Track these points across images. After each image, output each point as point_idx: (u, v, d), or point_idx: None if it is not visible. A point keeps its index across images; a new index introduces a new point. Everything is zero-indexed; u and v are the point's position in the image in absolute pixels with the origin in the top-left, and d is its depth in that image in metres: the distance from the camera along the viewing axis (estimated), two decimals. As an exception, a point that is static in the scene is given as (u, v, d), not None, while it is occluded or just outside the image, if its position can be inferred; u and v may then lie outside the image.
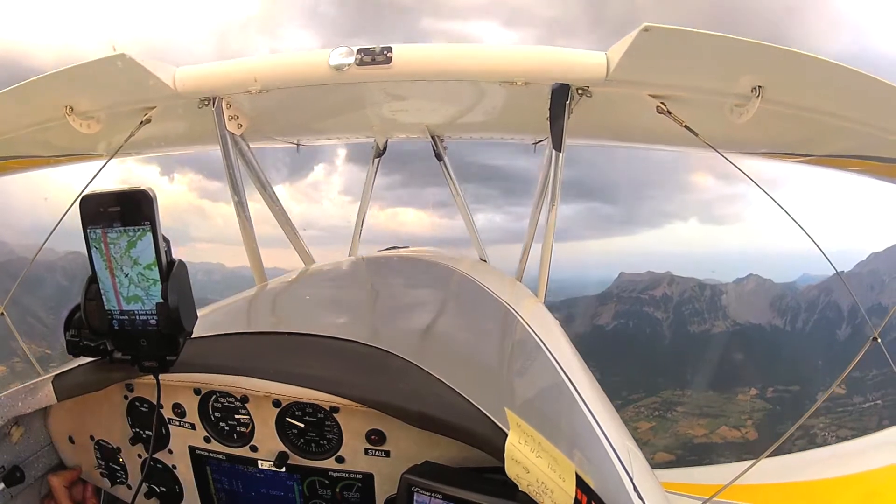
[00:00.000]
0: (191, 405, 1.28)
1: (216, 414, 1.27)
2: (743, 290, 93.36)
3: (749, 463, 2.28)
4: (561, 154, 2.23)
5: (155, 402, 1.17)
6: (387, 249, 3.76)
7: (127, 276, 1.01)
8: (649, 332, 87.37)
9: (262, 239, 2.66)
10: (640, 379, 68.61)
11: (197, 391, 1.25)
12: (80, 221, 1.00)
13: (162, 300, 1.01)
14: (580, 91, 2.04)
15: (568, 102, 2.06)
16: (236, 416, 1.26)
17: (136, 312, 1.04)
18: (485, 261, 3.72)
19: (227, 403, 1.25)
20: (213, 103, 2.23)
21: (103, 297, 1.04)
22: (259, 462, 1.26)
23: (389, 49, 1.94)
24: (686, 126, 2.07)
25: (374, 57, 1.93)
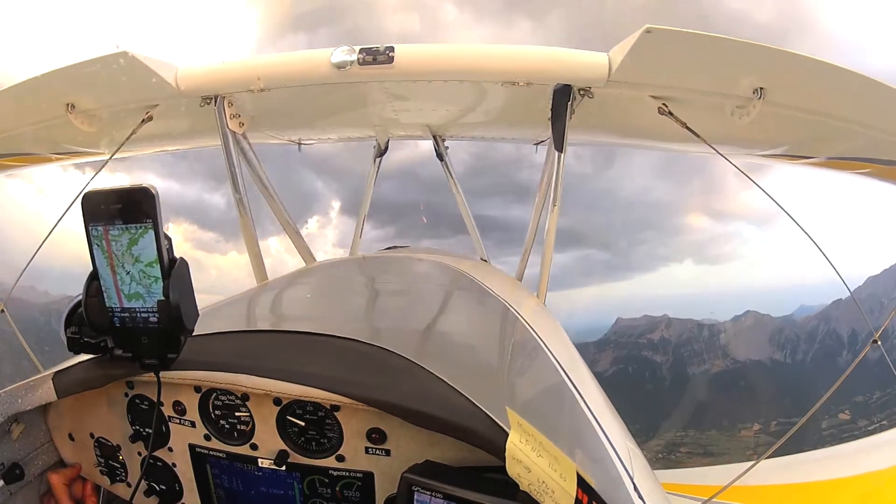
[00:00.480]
0: (191, 403, 1.27)
1: (216, 412, 1.27)
2: (741, 327, 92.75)
3: (749, 464, 2.28)
4: (562, 154, 2.23)
5: (155, 400, 1.17)
6: (387, 249, 3.76)
7: (128, 273, 1.01)
8: (649, 375, 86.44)
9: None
10: (641, 422, 68.17)
11: (197, 389, 1.25)
12: (80, 259, 1.00)
13: (163, 298, 1.01)
14: (582, 92, 2.04)
15: (570, 103, 2.06)
16: (237, 414, 1.25)
17: (137, 310, 1.03)
18: (486, 261, 3.72)
19: (227, 401, 1.25)
20: (215, 102, 2.23)
21: (104, 293, 1.04)
22: (259, 460, 1.26)
23: (392, 48, 1.94)
24: (688, 127, 2.07)
25: (377, 56, 1.93)
